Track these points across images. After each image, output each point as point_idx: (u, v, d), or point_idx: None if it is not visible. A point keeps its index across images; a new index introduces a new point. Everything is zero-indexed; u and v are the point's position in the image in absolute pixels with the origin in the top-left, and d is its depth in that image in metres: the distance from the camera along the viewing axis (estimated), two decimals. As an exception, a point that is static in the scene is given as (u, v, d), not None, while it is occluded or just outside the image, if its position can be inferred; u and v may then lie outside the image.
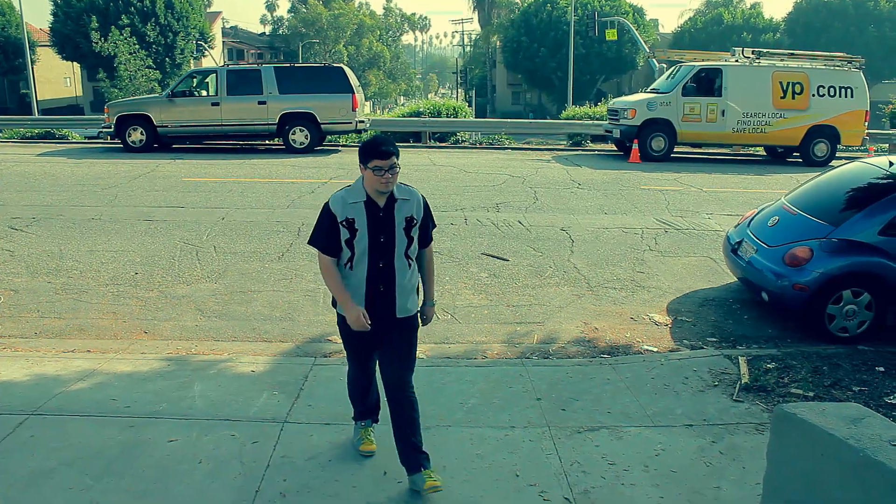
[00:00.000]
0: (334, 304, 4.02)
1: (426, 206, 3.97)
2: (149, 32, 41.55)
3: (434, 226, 4.08)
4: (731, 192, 13.94)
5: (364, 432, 4.42)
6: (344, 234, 3.78)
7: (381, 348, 4.02)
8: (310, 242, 3.93)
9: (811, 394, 5.43)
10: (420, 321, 4.10)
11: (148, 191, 12.61)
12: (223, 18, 65.97)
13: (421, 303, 4.12)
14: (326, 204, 3.83)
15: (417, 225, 3.88)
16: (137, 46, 28.33)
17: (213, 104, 17.81)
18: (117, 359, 5.84)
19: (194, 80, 18.77)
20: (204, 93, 18.45)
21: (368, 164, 3.66)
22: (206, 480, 4.09)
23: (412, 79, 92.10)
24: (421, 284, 4.10)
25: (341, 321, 3.99)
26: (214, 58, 50.72)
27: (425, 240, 4.00)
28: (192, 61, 47.19)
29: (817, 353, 6.25)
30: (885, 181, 7.00)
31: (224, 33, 66.52)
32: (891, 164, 7.26)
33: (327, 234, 3.82)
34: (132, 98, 21.23)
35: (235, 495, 3.96)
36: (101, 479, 4.07)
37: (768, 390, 5.47)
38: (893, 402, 5.33)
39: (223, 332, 6.72)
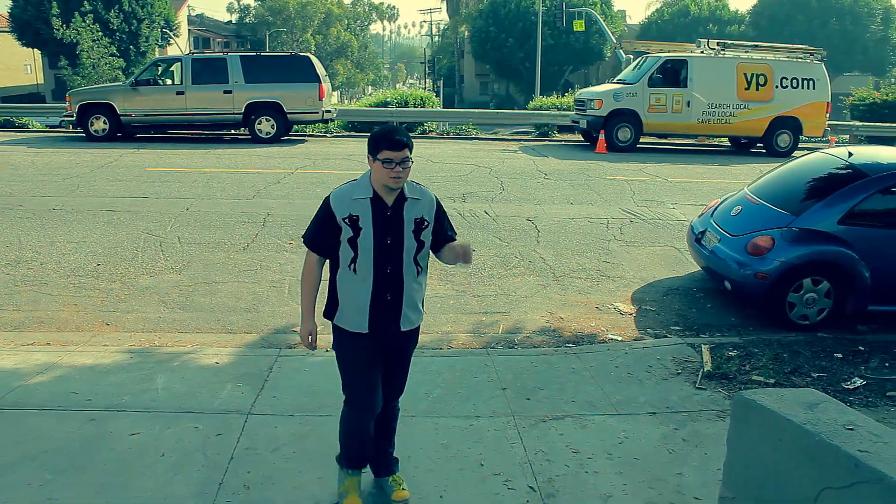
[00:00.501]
0: (327, 314, 3.64)
1: (440, 207, 3.65)
2: (112, 19, 40.76)
3: (454, 232, 3.74)
4: (696, 182, 14.10)
5: (350, 482, 3.79)
6: (347, 231, 3.43)
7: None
8: (303, 235, 3.62)
9: (772, 381, 5.52)
10: (463, 260, 3.57)
11: (110, 181, 12.40)
12: (189, 6, 65.06)
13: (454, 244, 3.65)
14: (327, 198, 3.50)
15: (429, 228, 3.56)
16: (101, 33, 27.75)
17: (178, 93, 17.55)
18: (78, 351, 5.75)
19: (159, 68, 18.47)
20: (168, 81, 18.15)
21: (378, 155, 3.34)
22: (169, 473, 4.05)
23: (380, 69, 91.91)
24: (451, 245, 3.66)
25: (339, 339, 3.64)
26: (180, 46, 50.03)
27: (443, 245, 3.66)
28: (156, 49, 46.54)
29: (778, 340, 6.36)
30: (844, 171, 7.12)
31: (190, 21, 65.66)
32: (850, 154, 7.39)
33: (317, 231, 3.52)
34: (95, 86, 20.80)
35: (199, 488, 3.92)
36: (62, 473, 4.00)
37: (730, 378, 5.55)
38: (850, 387, 5.45)
39: (187, 323, 6.64)
